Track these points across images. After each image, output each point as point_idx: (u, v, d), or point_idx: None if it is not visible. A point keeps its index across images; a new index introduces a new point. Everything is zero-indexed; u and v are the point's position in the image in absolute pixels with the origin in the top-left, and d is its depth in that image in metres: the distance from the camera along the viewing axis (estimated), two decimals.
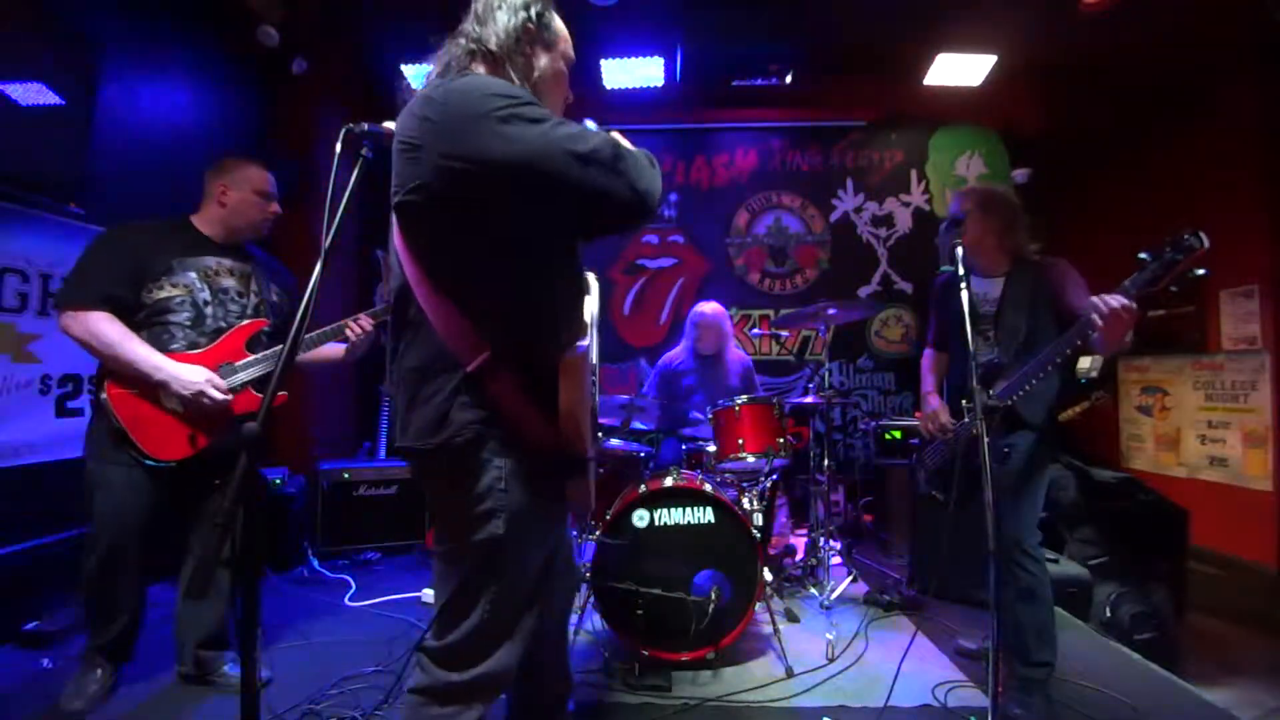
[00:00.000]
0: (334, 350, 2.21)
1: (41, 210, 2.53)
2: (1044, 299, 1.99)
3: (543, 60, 1.23)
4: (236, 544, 0.87)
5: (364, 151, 1.23)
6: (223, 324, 1.98)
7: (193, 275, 1.95)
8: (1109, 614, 2.82)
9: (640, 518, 2.32)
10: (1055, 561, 2.95)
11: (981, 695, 2.07)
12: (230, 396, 1.91)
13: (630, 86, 4.38)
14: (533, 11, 1.21)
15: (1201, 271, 1.51)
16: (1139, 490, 3.39)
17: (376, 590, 3.09)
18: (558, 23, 1.28)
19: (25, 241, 2.47)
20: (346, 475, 3.72)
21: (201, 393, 1.85)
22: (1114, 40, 3.62)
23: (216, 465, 1.99)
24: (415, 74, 4.24)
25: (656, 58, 4.11)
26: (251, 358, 1.99)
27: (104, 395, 1.86)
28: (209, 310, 1.97)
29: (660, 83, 4.33)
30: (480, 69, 1.19)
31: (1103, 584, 2.93)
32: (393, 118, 1.23)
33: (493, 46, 1.18)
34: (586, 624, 2.54)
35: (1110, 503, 3.34)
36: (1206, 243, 1.47)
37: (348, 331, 2.08)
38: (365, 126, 1.23)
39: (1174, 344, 3.83)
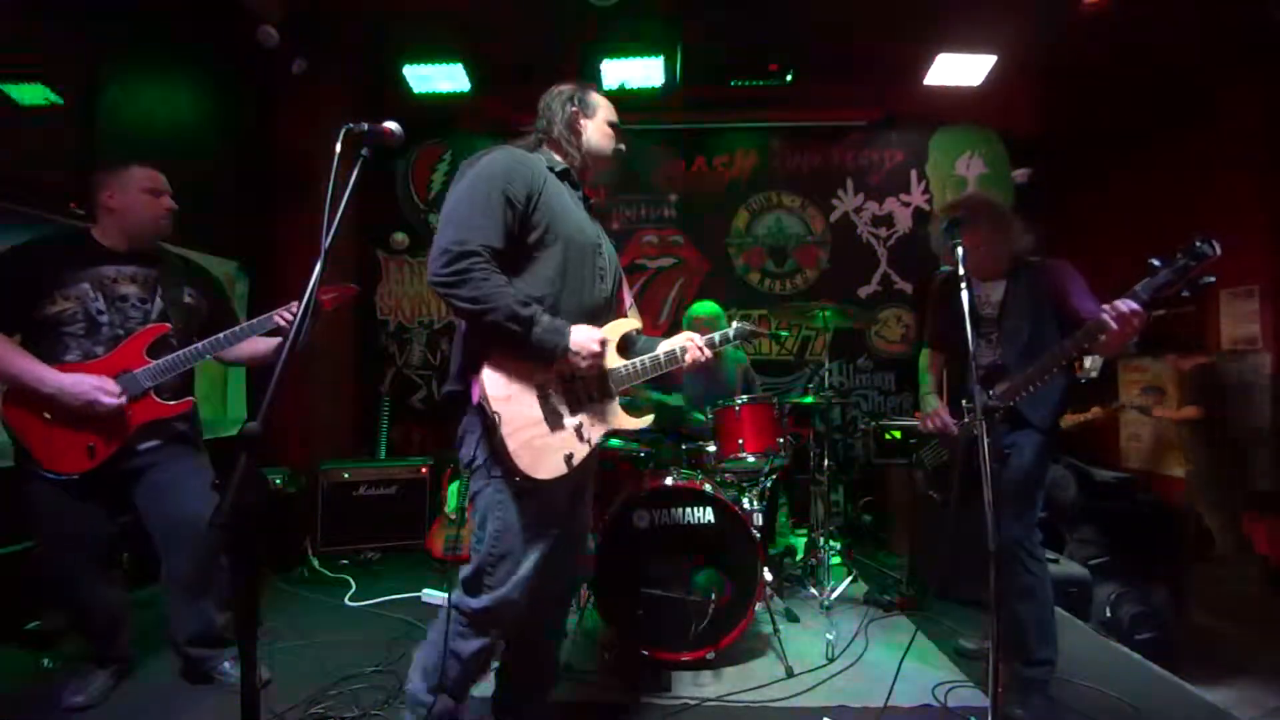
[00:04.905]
0: (263, 345, 2.16)
1: (41, 210, 2.53)
2: (1046, 301, 1.98)
3: (589, 129, 1.67)
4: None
5: (364, 151, 1.23)
6: (120, 331, 1.94)
7: (85, 286, 1.91)
8: (1109, 614, 2.82)
9: (640, 518, 2.32)
10: (1055, 561, 2.95)
11: (981, 695, 2.08)
12: (123, 400, 1.87)
13: (630, 86, 4.37)
14: (575, 99, 1.66)
15: (1211, 279, 1.51)
16: (1139, 490, 3.39)
17: (376, 590, 3.09)
18: (594, 96, 1.70)
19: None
20: (346, 475, 3.72)
21: (92, 400, 1.82)
22: (1114, 40, 3.62)
23: (128, 474, 1.97)
24: (415, 74, 4.26)
25: (656, 58, 4.11)
26: (153, 364, 1.94)
27: (2, 412, 1.87)
28: (104, 319, 1.93)
29: (660, 83, 4.33)
30: (547, 148, 1.66)
31: (1103, 584, 2.93)
32: (393, 118, 1.25)
33: (554, 134, 1.65)
34: (587, 624, 2.54)
35: (1110, 503, 3.34)
36: (1219, 250, 1.47)
37: (278, 321, 2.04)
38: (365, 126, 1.24)
39: (1174, 344, 3.83)
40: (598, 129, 1.67)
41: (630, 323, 1.69)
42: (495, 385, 1.43)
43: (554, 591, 1.73)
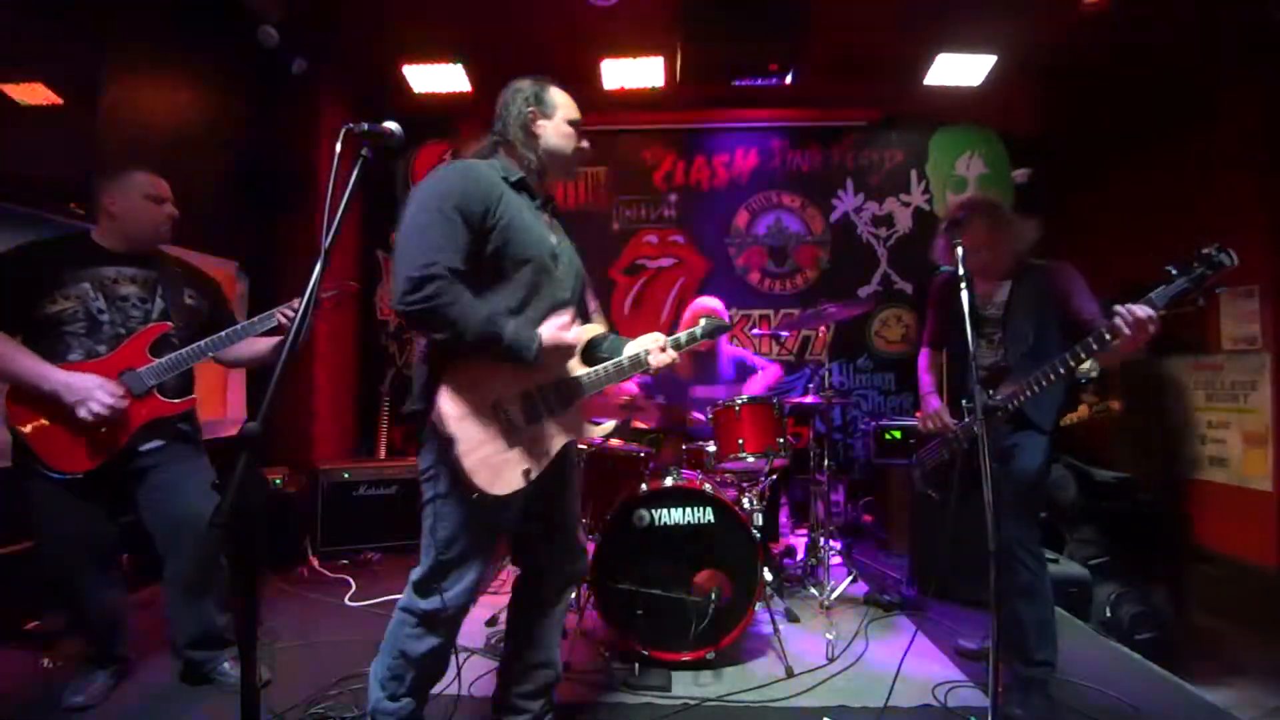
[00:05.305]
0: (262, 345, 2.17)
1: (41, 210, 2.53)
2: (1050, 303, 1.99)
3: (547, 129, 1.62)
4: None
5: (364, 151, 1.24)
6: (122, 330, 1.95)
7: (85, 286, 1.92)
8: (1109, 614, 2.82)
9: (640, 518, 2.32)
10: (1055, 561, 2.95)
11: (981, 695, 2.08)
12: (124, 402, 1.87)
13: (630, 86, 4.38)
14: (532, 97, 1.61)
15: (1224, 288, 1.52)
16: (1139, 490, 3.39)
17: (376, 590, 3.09)
18: (553, 94, 1.64)
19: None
20: (346, 475, 3.72)
21: (87, 400, 1.81)
22: (1114, 40, 3.62)
23: (130, 474, 1.98)
24: (415, 74, 4.26)
25: (656, 58, 4.11)
26: (156, 362, 1.95)
27: (4, 409, 1.87)
28: (105, 318, 1.93)
29: (660, 83, 4.33)
30: (503, 153, 1.62)
31: (1103, 584, 2.94)
32: (393, 118, 1.25)
33: (509, 137, 1.60)
34: (586, 624, 2.54)
35: (1110, 503, 3.34)
36: (1236, 259, 1.47)
37: (280, 319, 2.05)
38: (365, 126, 1.24)
39: (1174, 344, 3.83)
40: (556, 129, 1.62)
41: (593, 328, 1.68)
42: (449, 404, 1.42)
43: (550, 590, 1.74)
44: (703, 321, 1.74)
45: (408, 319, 1.38)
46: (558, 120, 1.62)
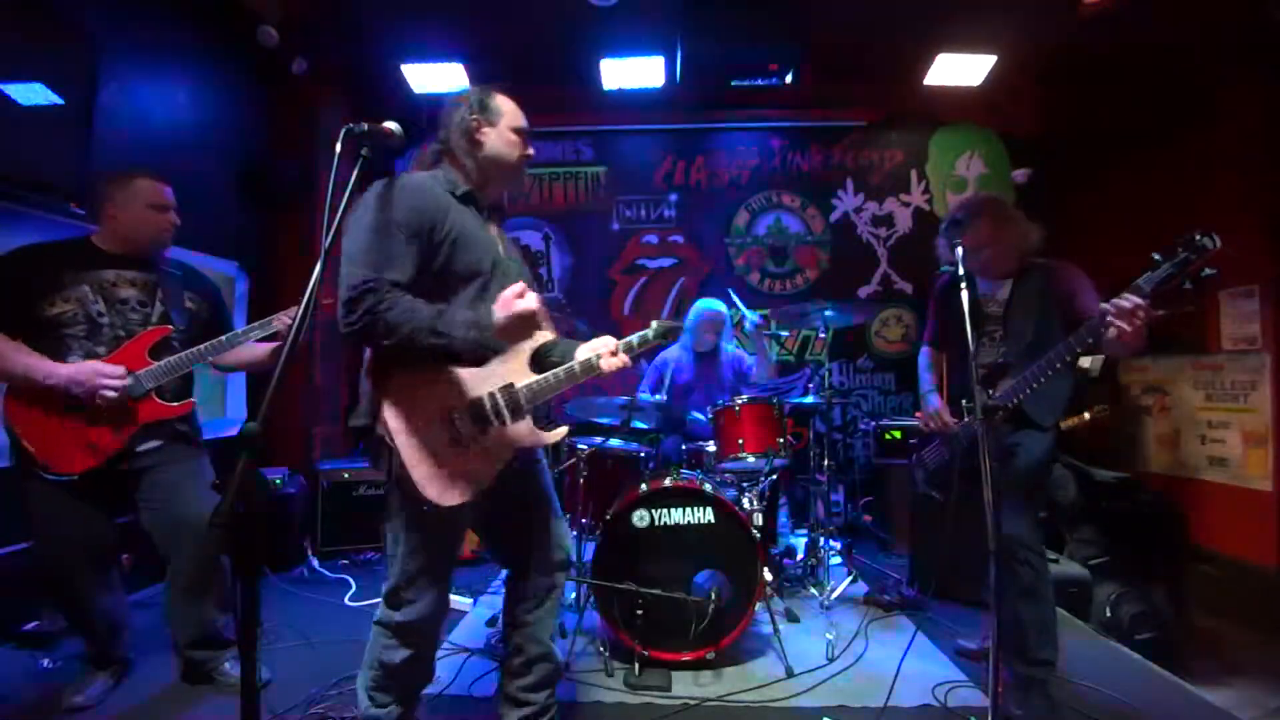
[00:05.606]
0: (260, 350, 2.17)
1: (41, 210, 2.53)
2: (1052, 302, 1.99)
3: (491, 137, 1.60)
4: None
5: (364, 151, 1.24)
6: (122, 333, 1.95)
7: (85, 288, 1.92)
8: (1109, 614, 2.83)
9: (640, 518, 2.32)
10: (1055, 561, 2.95)
11: (981, 695, 2.08)
12: (126, 381, 1.88)
13: (630, 87, 4.37)
14: (475, 105, 1.59)
15: (1213, 271, 1.51)
16: (1139, 490, 3.39)
17: (376, 590, 3.07)
18: (498, 101, 1.62)
19: (24, 242, 2.47)
20: (346, 475, 3.72)
21: (97, 386, 1.82)
22: (1114, 40, 3.62)
23: (129, 474, 1.98)
24: (415, 74, 4.26)
25: (656, 58, 4.11)
26: (156, 365, 1.96)
27: (3, 410, 1.88)
28: (104, 320, 1.94)
29: (660, 83, 4.33)
30: (447, 163, 1.61)
31: (1103, 584, 2.94)
32: (392, 118, 1.26)
33: (451, 145, 1.60)
34: (586, 624, 2.54)
35: (1110, 503, 3.34)
36: (1219, 242, 1.47)
37: (277, 324, 2.06)
38: (365, 126, 1.24)
39: (1174, 344, 3.84)
40: (501, 136, 1.60)
41: (541, 335, 1.65)
42: (395, 417, 1.41)
43: (536, 584, 1.73)
44: (654, 324, 1.71)
45: (356, 338, 1.37)
46: (502, 128, 1.60)
